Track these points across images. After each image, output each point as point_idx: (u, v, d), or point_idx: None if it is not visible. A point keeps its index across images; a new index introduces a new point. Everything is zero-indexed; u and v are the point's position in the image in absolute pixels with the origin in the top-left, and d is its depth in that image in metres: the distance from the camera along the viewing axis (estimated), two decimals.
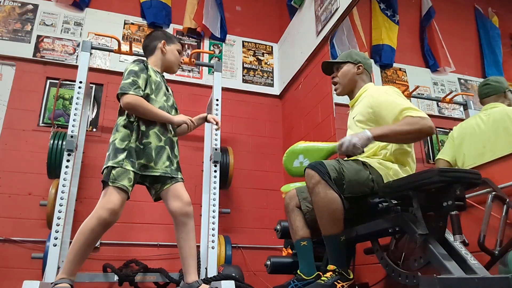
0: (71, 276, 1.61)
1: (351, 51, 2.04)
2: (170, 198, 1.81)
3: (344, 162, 1.69)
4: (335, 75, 2.01)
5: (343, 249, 1.63)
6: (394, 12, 3.09)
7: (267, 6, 4.37)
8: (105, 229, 1.65)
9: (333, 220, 1.59)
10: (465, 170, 1.43)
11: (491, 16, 2.97)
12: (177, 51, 2.04)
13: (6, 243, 2.90)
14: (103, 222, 1.62)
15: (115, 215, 1.65)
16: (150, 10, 3.76)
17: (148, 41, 2.04)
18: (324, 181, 1.58)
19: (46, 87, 3.36)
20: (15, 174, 3.06)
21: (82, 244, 1.61)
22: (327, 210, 1.58)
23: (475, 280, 1.23)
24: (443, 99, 2.79)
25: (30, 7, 3.52)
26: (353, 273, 1.64)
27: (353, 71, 1.96)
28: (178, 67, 2.08)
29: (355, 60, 1.97)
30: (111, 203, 1.64)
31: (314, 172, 1.61)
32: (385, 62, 2.99)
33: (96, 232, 1.63)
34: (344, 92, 2.00)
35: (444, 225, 1.41)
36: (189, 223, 1.81)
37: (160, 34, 2.05)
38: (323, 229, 1.63)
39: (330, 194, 1.58)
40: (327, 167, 1.61)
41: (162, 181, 1.82)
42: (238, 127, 3.74)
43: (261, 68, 4.11)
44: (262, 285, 3.13)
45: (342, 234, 1.62)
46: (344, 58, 2.01)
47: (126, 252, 3.08)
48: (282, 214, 3.61)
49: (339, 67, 2.00)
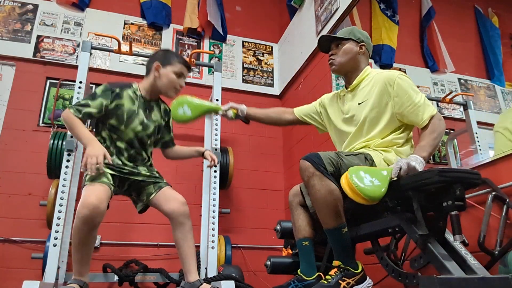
0: (80, 276, 1.62)
1: (353, 28, 1.88)
2: (163, 201, 1.81)
3: (344, 157, 1.61)
4: (335, 52, 1.84)
5: (348, 241, 1.55)
6: (394, 12, 3.09)
7: (267, 6, 4.37)
8: (91, 225, 1.56)
9: (332, 212, 1.52)
10: (465, 170, 1.43)
11: (491, 16, 2.97)
12: (174, 73, 1.86)
13: (6, 243, 2.90)
14: (85, 218, 1.54)
15: (95, 209, 1.55)
16: (150, 10, 3.77)
17: (148, 61, 1.94)
18: (320, 172, 1.50)
19: (46, 87, 3.36)
20: (15, 174, 3.06)
21: (77, 244, 1.61)
22: (325, 202, 1.51)
23: (475, 280, 1.23)
24: (443, 99, 2.79)
25: (30, 7, 3.52)
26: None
27: (355, 49, 1.81)
28: (175, 91, 1.90)
29: (358, 38, 1.82)
30: (88, 198, 1.56)
31: (308, 164, 1.53)
32: (385, 62, 2.99)
33: (82, 230, 1.56)
34: (342, 70, 1.85)
35: (444, 225, 1.41)
36: (186, 223, 1.81)
37: (158, 54, 1.93)
38: (324, 222, 1.57)
39: (327, 185, 1.50)
40: (323, 159, 1.54)
41: (147, 191, 1.84)
42: (238, 127, 3.74)
43: (261, 68, 4.11)
44: (262, 285, 3.13)
45: (344, 225, 1.54)
46: (347, 35, 1.83)
47: (126, 252, 3.08)
48: (282, 214, 3.61)
49: (340, 43, 1.83)
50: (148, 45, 3.76)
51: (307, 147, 3.38)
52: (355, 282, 1.51)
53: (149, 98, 1.91)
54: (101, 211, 1.57)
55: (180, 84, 1.89)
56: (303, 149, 3.45)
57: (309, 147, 3.34)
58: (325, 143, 2.80)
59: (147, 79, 1.90)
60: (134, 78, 3.58)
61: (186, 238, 1.80)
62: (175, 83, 1.87)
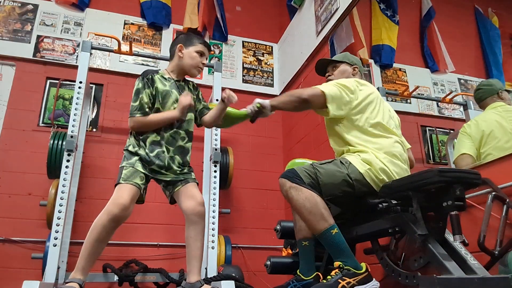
0: (82, 273, 1.63)
1: (346, 53, 2.10)
2: (183, 198, 1.84)
3: (319, 166, 1.67)
4: (331, 74, 2.05)
5: (341, 242, 1.55)
6: (394, 12, 3.09)
7: (267, 6, 4.37)
8: (116, 224, 1.67)
9: (316, 216, 1.55)
10: (465, 170, 1.43)
11: (491, 16, 2.97)
12: (196, 52, 1.98)
13: (6, 243, 2.89)
14: (114, 217, 1.64)
15: (125, 210, 1.67)
16: (150, 10, 3.77)
17: (171, 45, 2.07)
18: (295, 184, 1.60)
19: (46, 87, 3.36)
20: (15, 174, 3.06)
21: (94, 240, 1.64)
22: (306, 209, 1.56)
23: (475, 280, 1.23)
24: (443, 99, 2.79)
25: (30, 7, 3.52)
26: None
27: (349, 70, 2.01)
28: (198, 70, 2.01)
29: (351, 62, 2.03)
30: (121, 198, 1.67)
31: (285, 180, 1.64)
32: (385, 62, 2.99)
33: (107, 228, 1.65)
34: None
35: (444, 225, 1.41)
36: (200, 223, 1.83)
37: (180, 37, 2.05)
38: (312, 229, 1.60)
39: (303, 193, 1.58)
40: (299, 172, 1.63)
41: (173, 183, 1.87)
42: (238, 127, 3.71)
43: (261, 68, 4.11)
44: (262, 285, 3.13)
45: (333, 227, 1.55)
46: (341, 58, 2.05)
47: (126, 252, 3.08)
48: (282, 214, 3.61)
49: (335, 66, 2.05)
50: (148, 45, 3.76)
51: (307, 147, 3.39)
52: (357, 282, 1.49)
53: (176, 79, 2.00)
54: (129, 212, 1.70)
55: (202, 62, 2.01)
56: (303, 149, 3.45)
57: (309, 147, 3.34)
58: (325, 143, 2.80)
59: (171, 62, 2.02)
60: (134, 78, 3.57)
61: (197, 238, 1.82)
62: (197, 62, 1.99)
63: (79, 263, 1.65)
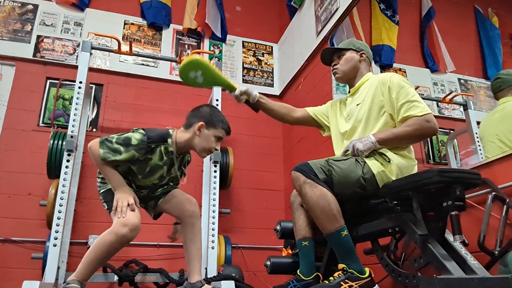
0: (83, 279, 1.60)
1: (352, 39, 1.99)
2: (175, 204, 1.83)
3: (334, 163, 1.63)
4: (337, 62, 1.93)
5: (349, 244, 1.54)
6: (394, 12, 3.09)
7: (267, 6, 4.37)
8: (125, 244, 1.59)
9: (328, 216, 1.53)
10: (465, 170, 1.43)
11: (491, 16, 2.97)
12: (214, 137, 1.80)
13: (6, 243, 2.89)
14: (124, 237, 1.56)
15: (136, 230, 1.59)
16: (150, 10, 3.77)
17: (192, 113, 1.85)
18: (310, 180, 1.55)
19: (46, 87, 3.36)
20: (15, 174, 3.06)
21: (98, 257, 1.58)
22: (319, 207, 1.53)
23: (475, 280, 1.23)
24: (443, 99, 2.79)
25: (30, 7, 3.52)
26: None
27: (356, 58, 1.90)
28: (208, 153, 1.84)
29: (357, 48, 1.92)
30: (131, 219, 1.59)
31: (299, 174, 1.58)
32: (385, 63, 2.99)
33: (114, 248, 1.58)
34: (345, 78, 1.93)
35: (444, 225, 1.41)
36: (196, 224, 1.82)
37: (205, 112, 1.83)
38: (322, 228, 1.58)
39: (318, 190, 1.53)
40: (313, 167, 1.58)
41: (156, 201, 1.88)
42: (238, 127, 3.74)
43: (261, 68, 4.11)
44: (262, 285, 3.13)
45: (343, 229, 1.54)
46: (346, 46, 1.94)
47: (126, 252, 3.07)
48: (282, 214, 3.61)
49: (341, 54, 1.94)
50: (148, 45, 3.76)
51: (307, 147, 3.38)
52: (359, 286, 1.49)
53: (178, 154, 1.83)
54: (138, 232, 1.61)
55: (216, 148, 1.83)
56: (303, 149, 3.45)
57: (309, 147, 3.34)
58: (325, 143, 2.80)
59: (185, 133, 1.81)
60: (134, 78, 3.60)
61: (195, 239, 1.82)
62: (211, 146, 1.81)
63: (81, 271, 1.59)
